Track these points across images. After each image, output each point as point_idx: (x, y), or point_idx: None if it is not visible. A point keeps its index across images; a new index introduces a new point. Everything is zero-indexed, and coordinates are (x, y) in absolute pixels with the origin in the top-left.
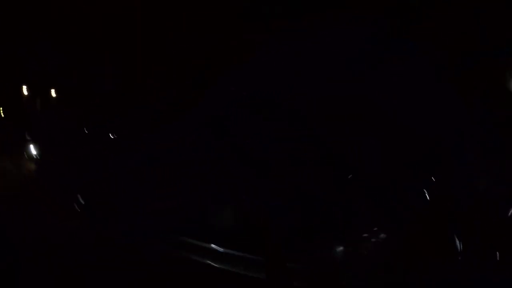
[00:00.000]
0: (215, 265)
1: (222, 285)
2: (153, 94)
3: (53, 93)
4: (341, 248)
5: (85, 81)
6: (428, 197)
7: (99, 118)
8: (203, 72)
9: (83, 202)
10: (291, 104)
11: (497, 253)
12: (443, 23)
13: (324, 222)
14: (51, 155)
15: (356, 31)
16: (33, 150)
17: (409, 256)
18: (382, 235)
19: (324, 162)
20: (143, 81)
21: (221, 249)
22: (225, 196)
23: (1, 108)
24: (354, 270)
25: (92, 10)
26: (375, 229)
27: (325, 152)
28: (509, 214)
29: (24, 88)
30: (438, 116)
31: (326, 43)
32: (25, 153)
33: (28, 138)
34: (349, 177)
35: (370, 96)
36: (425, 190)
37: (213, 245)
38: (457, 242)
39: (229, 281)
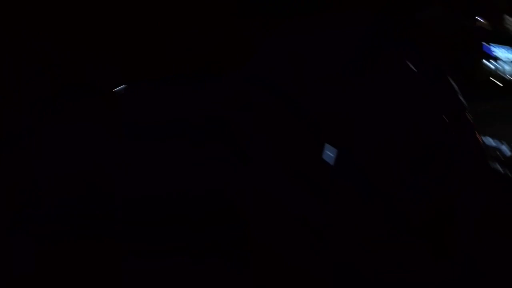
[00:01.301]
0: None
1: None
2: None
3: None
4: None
5: (85, 81)
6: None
7: (99, 117)
8: (203, 72)
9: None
10: (291, 104)
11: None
12: (443, 23)
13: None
14: (50, 154)
15: (355, 31)
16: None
17: (408, 256)
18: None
19: (324, 162)
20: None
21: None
22: (225, 196)
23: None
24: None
25: (92, 10)
26: (375, 229)
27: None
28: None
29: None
30: (438, 116)
31: (326, 43)
32: (22, 152)
33: (27, 137)
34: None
35: (370, 96)
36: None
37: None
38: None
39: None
